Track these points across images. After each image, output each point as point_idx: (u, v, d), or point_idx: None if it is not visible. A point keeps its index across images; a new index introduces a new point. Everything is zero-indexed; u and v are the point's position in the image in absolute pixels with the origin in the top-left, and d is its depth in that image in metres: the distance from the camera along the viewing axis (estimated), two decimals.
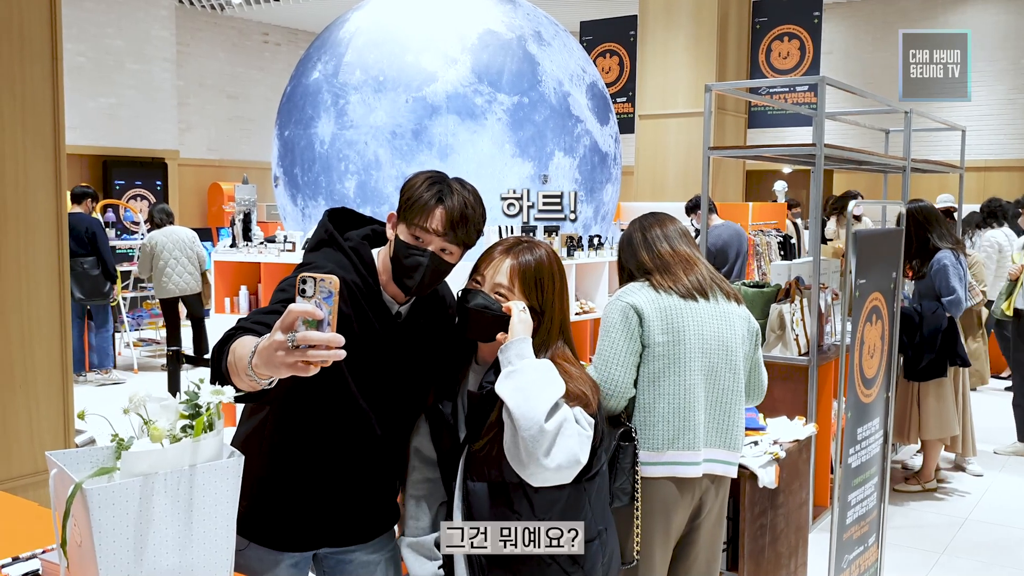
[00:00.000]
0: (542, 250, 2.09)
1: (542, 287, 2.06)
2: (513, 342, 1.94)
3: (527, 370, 1.91)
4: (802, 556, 3.54)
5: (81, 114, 13.01)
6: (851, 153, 5.61)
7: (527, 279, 2.04)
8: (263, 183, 15.27)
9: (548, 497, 1.96)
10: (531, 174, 6.67)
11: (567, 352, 2.10)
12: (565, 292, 2.13)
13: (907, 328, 5.26)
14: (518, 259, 2.05)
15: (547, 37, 7.04)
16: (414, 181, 2.02)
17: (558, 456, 1.85)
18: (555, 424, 1.86)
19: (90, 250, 8.30)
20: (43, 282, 3.31)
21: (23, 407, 3.26)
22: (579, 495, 2.01)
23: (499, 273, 2.04)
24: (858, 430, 3.51)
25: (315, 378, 1.51)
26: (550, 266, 2.08)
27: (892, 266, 3.73)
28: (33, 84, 3.25)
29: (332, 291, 1.46)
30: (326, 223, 2.11)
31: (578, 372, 2.06)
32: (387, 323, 2.06)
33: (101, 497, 1.44)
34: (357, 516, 2.16)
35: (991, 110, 14.42)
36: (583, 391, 2.02)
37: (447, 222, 1.96)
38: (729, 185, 12.02)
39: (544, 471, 1.86)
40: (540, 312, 2.05)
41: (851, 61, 15.15)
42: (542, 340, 2.05)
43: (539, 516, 1.96)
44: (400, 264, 2.00)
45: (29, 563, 1.80)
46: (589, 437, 1.94)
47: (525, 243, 2.10)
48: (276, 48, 17.35)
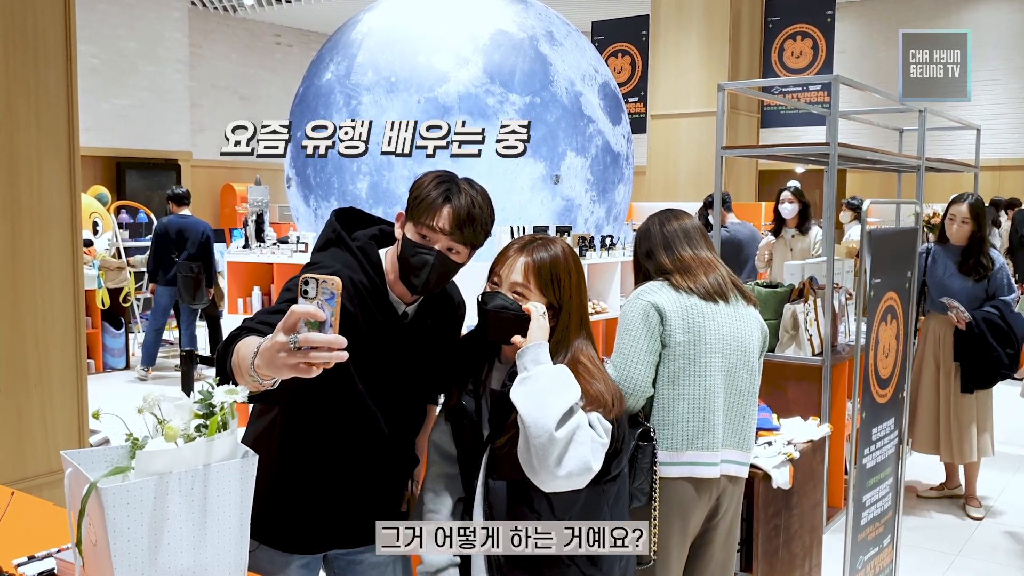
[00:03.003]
0: (557, 246, 2.07)
1: (559, 282, 2.03)
2: (529, 347, 1.92)
3: (541, 376, 1.89)
4: (816, 557, 3.52)
5: (94, 116, 13.07)
6: (865, 152, 5.57)
7: (543, 275, 2.01)
8: (276, 184, 15.31)
9: (567, 498, 1.95)
10: (543, 174, 6.66)
11: (590, 351, 2.07)
12: (583, 287, 2.11)
13: (997, 334, 4.82)
14: (532, 256, 2.03)
15: (559, 37, 7.03)
16: (423, 180, 2.02)
17: (569, 464, 1.84)
18: (567, 432, 1.84)
19: (199, 255, 8.37)
20: (57, 283, 3.32)
21: (38, 407, 3.28)
22: (597, 497, 2.00)
23: (514, 271, 2.02)
24: (873, 430, 3.49)
25: (322, 379, 1.51)
26: (566, 262, 2.05)
27: (907, 265, 3.70)
28: (47, 86, 3.27)
29: (335, 292, 1.45)
30: (333, 223, 2.11)
31: (600, 373, 2.04)
32: (394, 323, 2.05)
33: (116, 496, 1.44)
34: (367, 517, 2.16)
35: (1006, 108, 14.33)
36: (602, 394, 1.99)
37: (454, 221, 1.96)
38: (742, 185, 11.98)
39: (555, 479, 1.85)
40: (558, 308, 2.03)
41: (864, 60, 15.08)
42: (561, 336, 2.03)
43: (558, 516, 1.95)
44: (407, 263, 2.00)
45: (44, 562, 1.81)
46: (604, 444, 1.92)
47: (539, 240, 2.08)
48: (288, 49, 17.39)
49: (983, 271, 4.92)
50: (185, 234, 8.42)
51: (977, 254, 4.94)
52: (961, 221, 4.96)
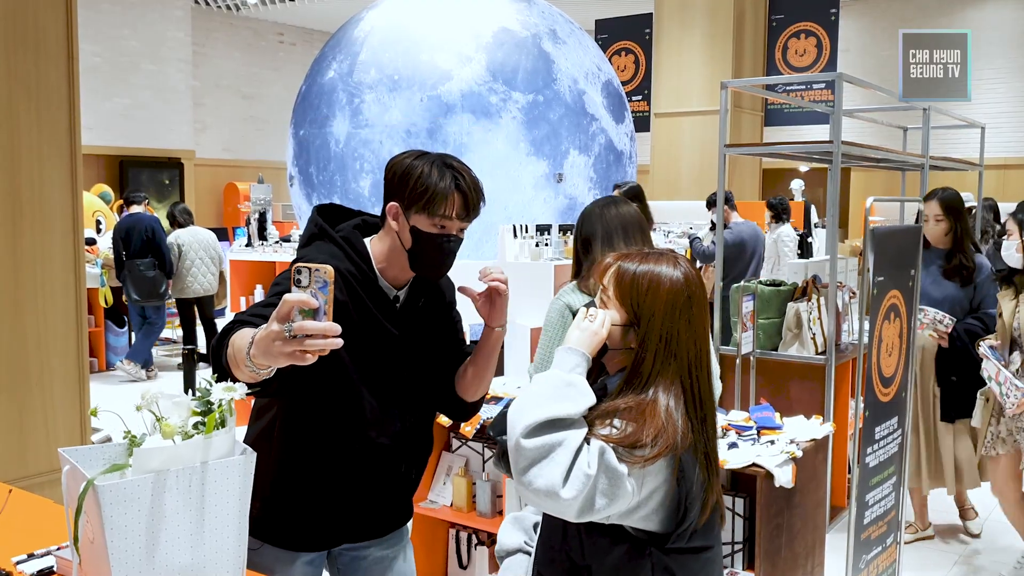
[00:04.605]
0: (663, 260, 1.76)
1: (640, 294, 1.73)
2: (560, 348, 1.73)
3: (539, 380, 1.70)
4: (819, 556, 3.51)
5: (97, 115, 13.09)
6: (869, 150, 5.56)
7: (623, 282, 1.75)
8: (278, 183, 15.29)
9: (599, 544, 1.72)
10: (546, 173, 6.65)
11: (674, 399, 1.69)
12: (687, 317, 1.72)
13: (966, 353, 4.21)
14: (623, 262, 1.79)
15: (562, 35, 7.02)
16: (419, 169, 1.97)
17: (536, 481, 1.60)
18: (539, 444, 1.60)
19: (145, 251, 8.33)
20: (59, 282, 3.32)
21: (39, 406, 3.28)
22: (638, 565, 1.71)
23: (604, 277, 1.81)
24: (876, 429, 3.48)
25: (318, 370, 1.51)
26: (658, 276, 1.73)
27: (911, 263, 3.69)
28: (49, 85, 3.26)
29: (327, 281, 1.47)
30: (316, 218, 2.12)
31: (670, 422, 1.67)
32: (386, 308, 2.05)
33: (113, 493, 1.44)
34: (371, 511, 2.15)
35: (1010, 107, 14.30)
36: (644, 440, 1.64)
37: (464, 205, 1.99)
38: (746, 184, 11.97)
39: (524, 489, 1.63)
40: (636, 325, 1.73)
41: (868, 58, 15.04)
42: (640, 364, 1.71)
43: (588, 560, 1.74)
44: (426, 255, 2.00)
45: (44, 560, 1.81)
46: (589, 477, 1.59)
47: (645, 252, 1.82)
48: (291, 48, 17.41)
49: (966, 272, 4.41)
50: (131, 233, 8.42)
51: (959, 252, 4.44)
52: (935, 219, 4.45)
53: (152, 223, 8.48)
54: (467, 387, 2.19)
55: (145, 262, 8.30)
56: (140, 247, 8.31)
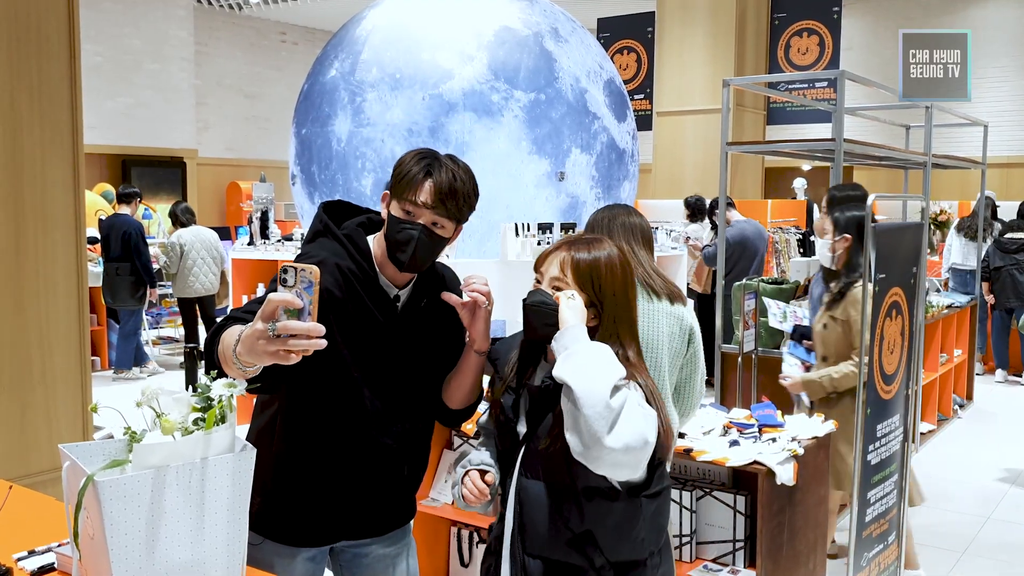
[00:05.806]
0: (603, 244, 1.99)
1: (599, 279, 1.94)
2: (565, 329, 1.85)
3: (583, 352, 1.81)
4: (821, 554, 3.50)
5: (99, 114, 13.10)
6: (871, 148, 5.56)
7: (580, 269, 1.94)
8: (280, 181, 15.35)
9: (600, 507, 1.89)
10: (548, 171, 6.65)
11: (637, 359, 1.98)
12: (630, 289, 2.00)
13: None
14: (572, 251, 1.97)
15: (564, 34, 7.01)
16: (405, 158, 2.02)
17: (624, 435, 1.73)
18: (620, 401, 1.76)
19: (123, 255, 8.21)
20: (61, 280, 3.33)
21: (41, 404, 3.28)
22: (634, 511, 1.91)
23: (552, 266, 1.97)
24: (878, 427, 3.48)
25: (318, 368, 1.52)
26: (609, 260, 1.97)
27: (912, 261, 3.69)
28: (51, 84, 3.27)
29: (313, 281, 1.48)
30: (321, 215, 2.12)
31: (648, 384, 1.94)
32: (386, 307, 2.05)
33: (113, 489, 1.44)
34: (372, 508, 2.15)
35: (1013, 105, 14.28)
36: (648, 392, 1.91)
37: (436, 195, 1.96)
38: (748, 182, 11.96)
39: (609, 452, 1.73)
40: (600, 307, 1.95)
41: (871, 57, 15.03)
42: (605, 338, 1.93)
43: (588, 526, 1.89)
44: (393, 239, 2.00)
45: (45, 556, 1.81)
46: (655, 417, 1.82)
47: (585, 238, 2.01)
48: (293, 47, 17.41)
49: None
50: (110, 235, 8.29)
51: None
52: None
53: (133, 227, 8.33)
54: (450, 395, 2.18)
55: (124, 266, 8.17)
56: (119, 250, 8.20)
